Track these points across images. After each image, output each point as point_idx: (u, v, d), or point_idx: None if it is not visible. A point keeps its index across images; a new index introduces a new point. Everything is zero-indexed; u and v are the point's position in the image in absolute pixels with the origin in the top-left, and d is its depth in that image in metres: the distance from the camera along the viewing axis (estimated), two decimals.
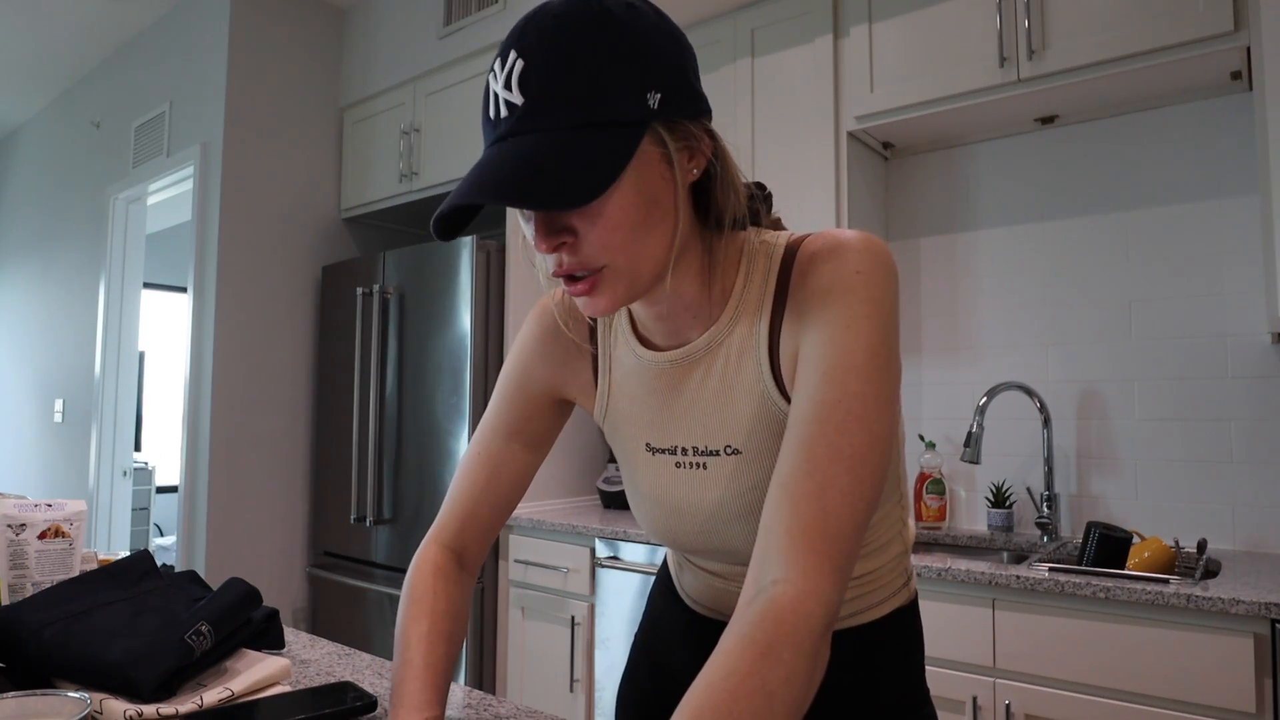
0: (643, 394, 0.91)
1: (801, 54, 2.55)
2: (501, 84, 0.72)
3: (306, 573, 3.52)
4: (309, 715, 0.87)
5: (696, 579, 1.00)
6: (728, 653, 0.61)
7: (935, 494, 2.55)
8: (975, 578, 1.88)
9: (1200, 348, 2.26)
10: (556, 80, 0.69)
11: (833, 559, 0.66)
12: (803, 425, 0.72)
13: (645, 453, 0.92)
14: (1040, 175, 2.53)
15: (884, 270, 0.76)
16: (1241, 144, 2.22)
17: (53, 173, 4.83)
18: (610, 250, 0.73)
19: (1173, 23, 1.97)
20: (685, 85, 0.75)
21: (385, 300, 3.23)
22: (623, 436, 0.95)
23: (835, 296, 0.75)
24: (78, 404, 4.33)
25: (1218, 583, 1.72)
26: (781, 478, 0.71)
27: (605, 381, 0.95)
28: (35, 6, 3.81)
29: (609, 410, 0.95)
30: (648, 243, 0.75)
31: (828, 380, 0.73)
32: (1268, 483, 2.15)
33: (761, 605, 0.63)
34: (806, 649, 0.62)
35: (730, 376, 0.85)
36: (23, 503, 1.21)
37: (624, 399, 0.93)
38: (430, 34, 3.32)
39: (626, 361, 0.92)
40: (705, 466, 0.87)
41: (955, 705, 1.90)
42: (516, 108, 0.71)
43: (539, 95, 0.70)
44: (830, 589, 0.65)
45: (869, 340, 0.73)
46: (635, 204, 0.73)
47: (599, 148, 0.69)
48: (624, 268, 0.75)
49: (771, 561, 0.66)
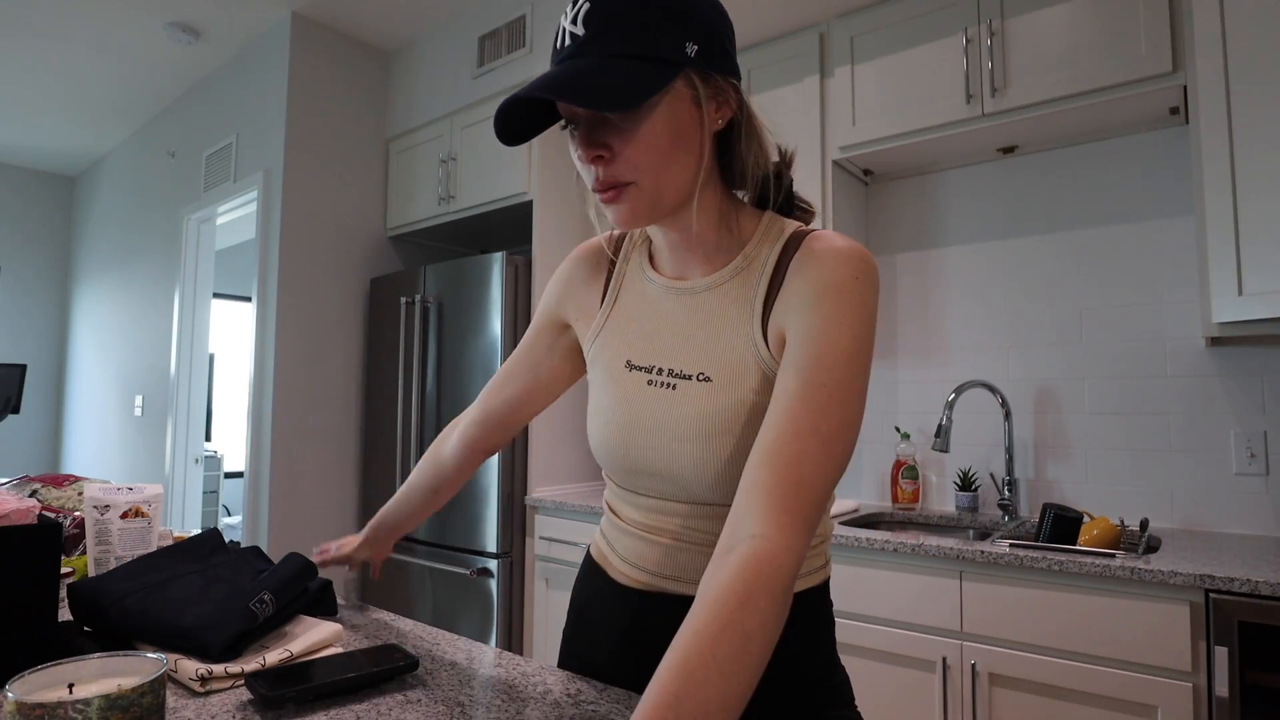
0: (639, 314, 0.93)
1: (792, 91, 2.55)
2: (570, 20, 0.77)
3: None
4: (359, 673, 0.87)
5: (640, 514, 0.93)
6: (710, 601, 0.62)
7: (909, 479, 2.54)
8: (945, 553, 1.87)
9: (1142, 350, 2.25)
10: (613, 18, 0.75)
11: (804, 518, 0.68)
12: (788, 401, 0.73)
13: (624, 369, 0.92)
14: (1002, 198, 2.52)
15: (874, 281, 0.80)
16: (1179, 172, 2.21)
17: (133, 196, 4.85)
18: (638, 169, 0.78)
19: (1119, 64, 1.96)
20: (720, 45, 0.80)
21: (426, 309, 3.24)
22: (608, 352, 0.95)
23: (832, 294, 0.78)
24: (155, 400, 4.35)
25: (1158, 557, 1.71)
26: (765, 444, 0.72)
27: (610, 299, 0.97)
28: (119, 51, 3.83)
29: (604, 327, 0.96)
30: (672, 170, 0.79)
31: (816, 365, 0.74)
32: (1202, 469, 2.14)
33: (740, 557, 0.65)
34: (779, 596, 0.63)
35: (720, 315, 0.86)
36: (107, 487, 1.22)
37: (621, 317, 0.95)
38: (465, 75, 3.32)
39: (635, 284, 0.95)
40: (674, 388, 0.87)
41: (927, 665, 1.90)
42: (578, 38, 0.76)
43: (598, 28, 0.75)
44: (799, 545, 0.67)
45: (854, 336, 0.76)
46: (665, 133, 0.78)
47: (639, 72, 0.74)
48: (648, 188, 0.79)
49: (751, 517, 0.68)
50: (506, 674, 0.95)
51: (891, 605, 1.96)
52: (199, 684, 0.84)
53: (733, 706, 0.58)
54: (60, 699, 0.59)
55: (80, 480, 1.65)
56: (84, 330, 5.34)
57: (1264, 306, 1.72)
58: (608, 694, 0.89)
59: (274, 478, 3.27)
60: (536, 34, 3.02)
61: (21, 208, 5.60)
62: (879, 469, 2.72)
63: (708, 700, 0.56)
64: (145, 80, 4.16)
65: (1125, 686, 1.64)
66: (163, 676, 0.64)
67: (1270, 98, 1.73)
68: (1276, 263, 1.71)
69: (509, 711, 0.83)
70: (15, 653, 0.81)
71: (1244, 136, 1.76)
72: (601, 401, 0.93)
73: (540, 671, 0.96)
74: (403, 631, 1.12)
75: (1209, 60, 1.81)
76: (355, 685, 0.86)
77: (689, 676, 0.57)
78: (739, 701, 0.58)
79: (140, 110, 4.58)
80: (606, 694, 0.89)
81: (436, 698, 0.86)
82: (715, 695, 0.57)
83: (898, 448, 2.59)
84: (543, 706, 0.85)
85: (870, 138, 2.38)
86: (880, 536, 1.98)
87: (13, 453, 5.48)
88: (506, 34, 3.14)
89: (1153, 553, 1.80)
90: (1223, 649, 1.53)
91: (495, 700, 0.86)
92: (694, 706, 0.56)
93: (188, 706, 0.81)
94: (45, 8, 3.41)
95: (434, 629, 1.13)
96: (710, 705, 0.56)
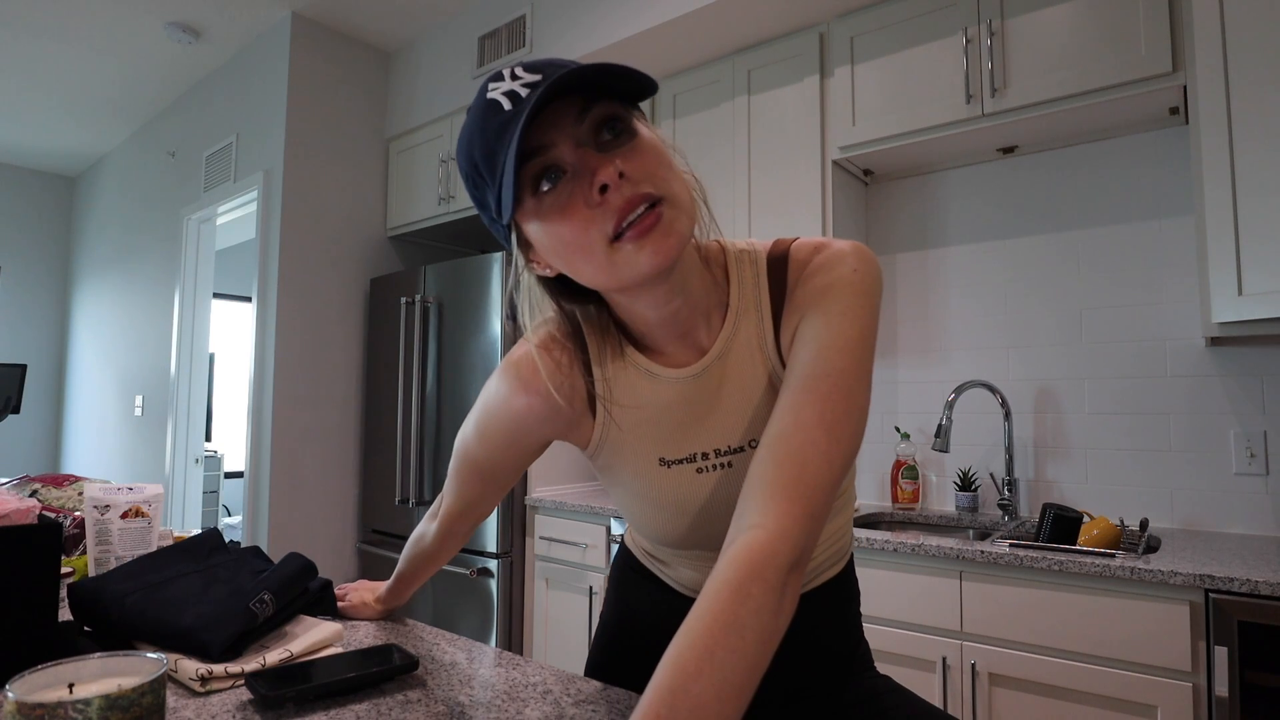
0: (657, 413, 0.84)
1: (792, 92, 2.55)
2: (509, 80, 0.67)
3: (356, 548, 3.53)
4: (359, 673, 0.87)
5: (697, 572, 0.96)
6: (706, 595, 0.61)
7: (910, 479, 2.54)
8: (945, 553, 1.87)
9: (1143, 350, 2.25)
10: (564, 61, 0.68)
11: (804, 506, 0.66)
12: (793, 393, 0.72)
13: (658, 467, 0.85)
14: (1002, 198, 2.52)
15: (875, 273, 0.79)
16: (1179, 172, 2.21)
17: (134, 196, 4.85)
18: (659, 180, 0.68)
19: (1118, 64, 1.96)
20: None
21: (425, 309, 3.24)
22: (627, 459, 0.87)
23: (835, 289, 0.77)
24: (155, 400, 4.35)
25: (1158, 557, 1.71)
26: (769, 438, 0.71)
27: (605, 415, 0.85)
28: (119, 51, 3.83)
29: (606, 440, 0.87)
30: (684, 187, 0.72)
31: (820, 356, 0.73)
32: (1202, 469, 2.14)
33: (735, 549, 0.64)
34: (773, 583, 0.62)
35: (745, 378, 0.83)
36: (107, 487, 1.22)
37: (630, 424, 0.85)
38: (465, 74, 3.32)
39: (640, 387, 0.84)
40: (730, 465, 0.84)
41: (927, 665, 1.90)
42: (537, 83, 0.66)
43: (557, 68, 0.67)
44: (799, 533, 0.65)
45: (859, 327, 0.75)
46: (658, 145, 0.71)
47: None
48: (679, 200, 0.70)
49: (750, 510, 0.67)
50: (506, 674, 0.95)
51: (891, 605, 1.96)
52: (199, 684, 0.84)
53: (730, 697, 0.56)
54: (60, 699, 0.59)
55: (80, 480, 1.65)
56: (84, 330, 5.34)
57: (1264, 306, 1.72)
58: (608, 694, 0.89)
59: (274, 478, 3.27)
60: (536, 34, 3.02)
61: (21, 208, 5.60)
62: (879, 469, 2.72)
63: (703, 693, 0.56)
64: (145, 80, 4.16)
65: (1125, 686, 1.64)
66: (163, 676, 0.64)
67: (1270, 98, 1.73)
68: (1276, 262, 1.71)
69: (509, 711, 0.83)
70: (15, 653, 0.81)
71: (1244, 136, 1.76)
72: (647, 498, 0.88)
73: (540, 671, 0.96)
74: (402, 631, 1.12)
75: (1209, 60, 1.81)
76: (355, 685, 0.86)
77: (682, 670, 0.57)
78: (738, 693, 0.57)
79: (140, 110, 4.58)
80: (607, 694, 0.89)
81: (436, 698, 0.86)
82: (710, 687, 0.56)
83: (898, 448, 2.59)
84: (543, 706, 0.85)
85: (870, 138, 2.37)
86: (880, 536, 1.98)
87: (13, 453, 5.48)
88: (506, 34, 3.14)
89: (1152, 553, 1.80)
90: (1222, 649, 1.53)
91: (495, 700, 0.86)
92: (689, 700, 0.55)
93: (188, 706, 0.81)
94: (45, 8, 3.41)
95: (434, 629, 1.13)
96: (706, 697, 0.55)
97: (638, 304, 0.78)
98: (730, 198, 2.64)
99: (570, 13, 2.87)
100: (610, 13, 2.71)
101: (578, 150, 0.68)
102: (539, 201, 0.69)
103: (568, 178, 0.68)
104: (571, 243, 0.69)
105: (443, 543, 1.05)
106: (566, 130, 0.68)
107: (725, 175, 2.66)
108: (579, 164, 0.68)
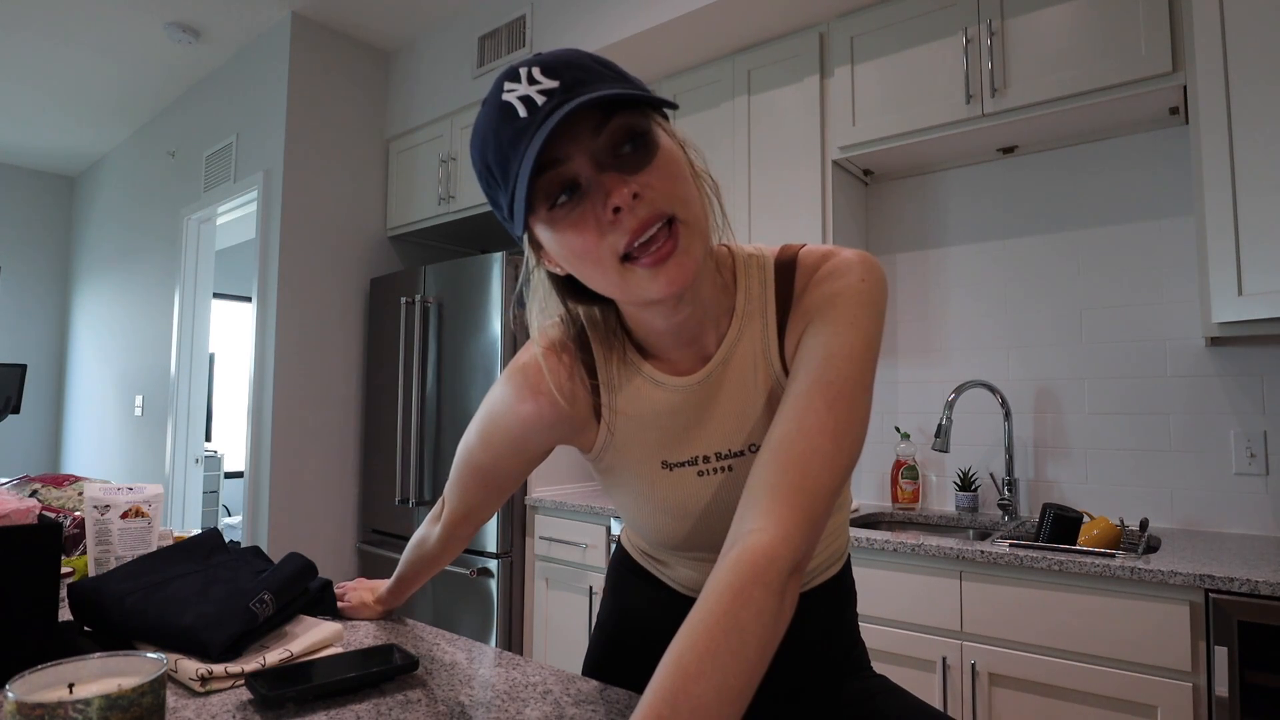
0: (660, 419, 0.85)
1: (792, 92, 2.55)
2: (525, 83, 0.66)
3: (356, 548, 3.53)
4: (359, 673, 0.87)
5: (696, 572, 0.97)
6: (706, 598, 0.62)
7: (910, 479, 2.54)
8: (945, 553, 1.87)
9: (1143, 350, 2.25)
10: (582, 62, 0.68)
11: (805, 512, 0.66)
12: (798, 399, 0.73)
13: (660, 470, 0.87)
14: (1002, 198, 2.52)
15: (881, 284, 0.79)
16: (1179, 172, 2.21)
17: (134, 196, 4.85)
18: (675, 199, 0.68)
19: (1118, 64, 1.96)
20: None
21: (426, 309, 3.24)
22: (629, 462, 0.88)
23: (842, 298, 0.77)
24: (155, 400, 4.35)
25: (1158, 557, 1.71)
26: (772, 443, 0.71)
27: (609, 420, 0.86)
28: (119, 51, 3.83)
29: (610, 444, 0.87)
30: (699, 202, 0.71)
31: (825, 363, 0.74)
32: (1202, 469, 2.14)
33: (737, 552, 0.64)
34: (774, 586, 0.62)
35: (747, 383, 0.83)
36: (107, 487, 1.22)
37: (633, 429, 0.86)
38: (466, 74, 3.32)
39: (644, 393, 0.84)
40: (731, 469, 0.85)
41: (927, 665, 1.90)
42: (554, 90, 0.65)
43: (575, 73, 0.66)
44: (799, 537, 0.65)
45: (864, 337, 0.75)
46: (677, 158, 0.71)
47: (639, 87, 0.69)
48: (694, 220, 0.69)
49: (751, 514, 0.67)
50: (506, 674, 0.95)
51: (891, 605, 1.96)
52: (199, 684, 0.84)
53: (730, 699, 0.57)
54: (60, 699, 0.59)
55: (80, 480, 1.65)
56: (84, 330, 5.34)
57: (1264, 306, 1.72)
58: (607, 694, 0.89)
59: (274, 477, 3.27)
60: (536, 34, 3.02)
61: (21, 208, 5.60)
62: (879, 469, 2.72)
63: (704, 694, 0.56)
64: (145, 80, 4.16)
65: (1125, 686, 1.64)
66: (163, 676, 0.64)
67: (1270, 98, 1.73)
68: (1276, 262, 1.71)
69: (509, 711, 0.83)
70: (15, 653, 0.81)
71: (1244, 136, 1.76)
72: (649, 500, 0.89)
73: (540, 671, 0.96)
74: (402, 631, 1.12)
75: (1209, 60, 1.81)
76: (355, 685, 0.86)
77: (683, 672, 0.57)
78: (738, 695, 0.57)
79: (140, 110, 4.58)
80: (606, 694, 0.89)
81: (436, 698, 0.86)
82: (711, 689, 0.56)
83: (898, 448, 2.59)
84: (542, 706, 0.85)
85: (870, 138, 2.37)
86: (880, 536, 1.98)
87: (13, 453, 5.48)
88: (506, 34, 3.14)
89: (1152, 553, 1.80)
90: (1222, 649, 1.53)
91: (495, 700, 0.86)
92: (690, 702, 0.56)
93: (188, 706, 0.81)
94: (45, 8, 3.41)
95: (434, 629, 1.14)
96: (707, 699, 0.56)
97: (647, 313, 0.79)
98: (730, 198, 2.64)
99: (570, 13, 2.87)
100: (610, 13, 2.71)
101: (594, 166, 0.67)
102: (552, 213, 0.69)
103: (582, 193, 0.68)
104: (583, 255, 0.69)
105: (445, 547, 1.06)
106: (583, 143, 0.67)
107: (725, 175, 2.66)
108: (594, 181, 0.67)
